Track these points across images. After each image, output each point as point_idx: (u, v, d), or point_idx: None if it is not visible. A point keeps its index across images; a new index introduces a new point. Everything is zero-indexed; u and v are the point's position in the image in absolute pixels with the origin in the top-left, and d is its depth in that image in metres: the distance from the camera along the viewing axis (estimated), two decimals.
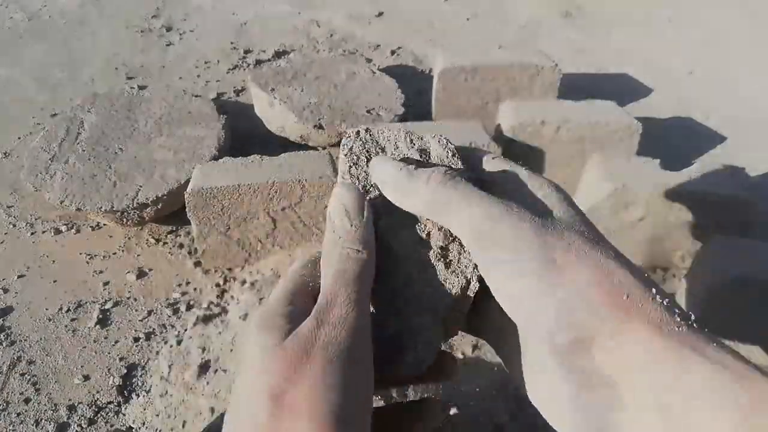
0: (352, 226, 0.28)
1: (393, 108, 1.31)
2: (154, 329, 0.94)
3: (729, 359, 0.20)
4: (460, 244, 0.28)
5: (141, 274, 1.05)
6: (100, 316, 0.96)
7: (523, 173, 0.29)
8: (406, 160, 0.30)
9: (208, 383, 0.84)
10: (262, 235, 1.02)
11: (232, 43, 1.90)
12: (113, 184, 1.06)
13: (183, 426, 0.80)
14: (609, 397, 0.21)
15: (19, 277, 1.04)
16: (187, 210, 0.96)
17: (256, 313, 0.28)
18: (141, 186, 1.06)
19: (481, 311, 0.29)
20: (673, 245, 1.02)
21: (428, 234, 0.29)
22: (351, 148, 0.32)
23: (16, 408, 0.82)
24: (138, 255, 1.09)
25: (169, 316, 0.97)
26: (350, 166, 0.31)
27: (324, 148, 1.31)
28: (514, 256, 0.23)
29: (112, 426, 0.81)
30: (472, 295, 0.28)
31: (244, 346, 0.27)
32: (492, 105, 1.34)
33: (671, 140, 1.46)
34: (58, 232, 1.14)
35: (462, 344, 0.88)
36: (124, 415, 0.82)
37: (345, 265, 0.27)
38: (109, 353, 0.90)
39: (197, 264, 1.06)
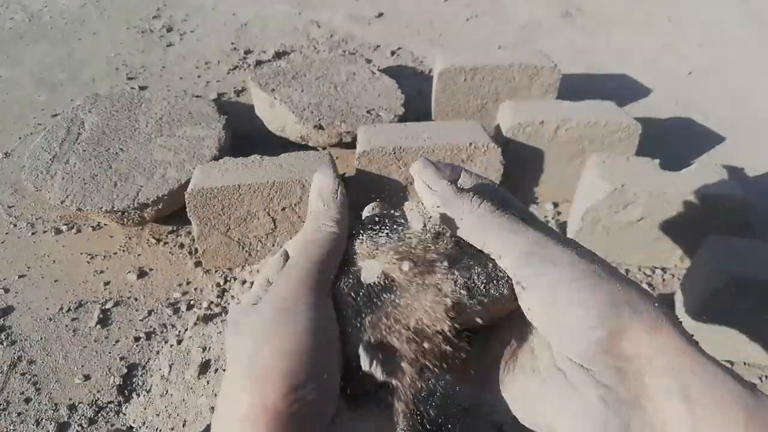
0: (325, 206, 0.32)
1: (393, 108, 1.31)
2: (154, 329, 0.95)
3: (731, 371, 0.24)
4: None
5: (141, 273, 1.05)
6: (101, 316, 0.97)
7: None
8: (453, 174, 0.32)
9: (208, 383, 0.84)
10: (262, 234, 1.02)
11: (232, 43, 1.90)
12: (114, 184, 1.07)
13: (183, 425, 0.80)
14: (636, 388, 0.24)
15: (19, 276, 1.04)
16: (187, 210, 0.96)
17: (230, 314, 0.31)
18: (141, 186, 1.06)
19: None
20: (672, 245, 1.02)
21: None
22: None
23: (17, 407, 0.82)
24: (138, 255, 1.09)
25: (170, 316, 0.97)
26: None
27: (324, 149, 1.31)
28: (564, 269, 0.27)
29: (112, 425, 0.81)
30: None
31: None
32: (491, 105, 1.34)
33: (670, 140, 1.46)
34: (58, 232, 1.14)
35: None
36: (124, 414, 0.82)
37: (314, 236, 0.31)
38: (109, 353, 0.91)
39: (198, 264, 1.06)
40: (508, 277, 0.30)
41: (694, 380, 0.23)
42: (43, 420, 0.81)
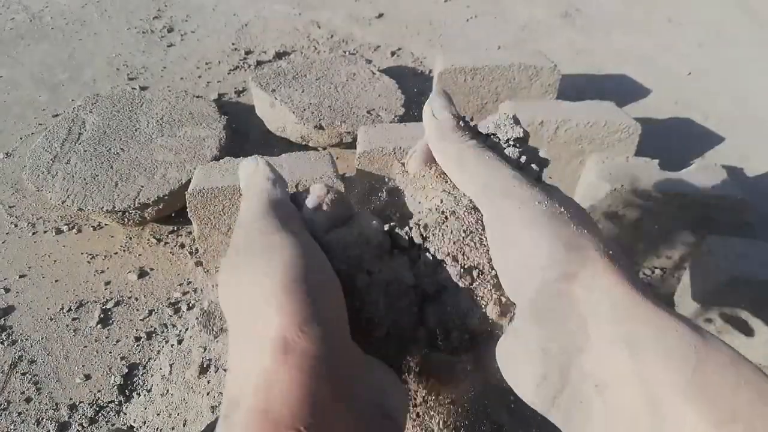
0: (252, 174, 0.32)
1: (393, 109, 1.31)
2: (155, 328, 0.95)
3: (684, 318, 0.23)
4: None
5: (142, 273, 1.05)
6: (102, 316, 0.97)
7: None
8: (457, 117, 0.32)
9: (209, 382, 0.84)
10: None
11: (233, 43, 1.91)
12: (114, 184, 1.07)
13: (184, 425, 0.80)
14: (579, 335, 0.23)
15: (20, 276, 1.04)
16: (188, 210, 0.96)
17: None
18: (142, 186, 1.07)
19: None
20: (672, 245, 1.02)
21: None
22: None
23: (18, 407, 0.83)
24: (139, 255, 1.10)
25: (171, 316, 0.97)
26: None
27: (324, 149, 1.32)
28: (525, 206, 0.26)
29: (113, 425, 0.81)
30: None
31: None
32: (491, 105, 1.34)
33: (670, 141, 1.47)
34: (59, 231, 1.14)
35: None
36: (125, 414, 0.83)
37: (254, 190, 0.30)
38: (110, 352, 0.91)
39: (198, 264, 1.07)
40: None
41: (641, 327, 0.22)
42: (44, 420, 0.81)
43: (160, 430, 0.80)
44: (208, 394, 0.82)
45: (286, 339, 0.22)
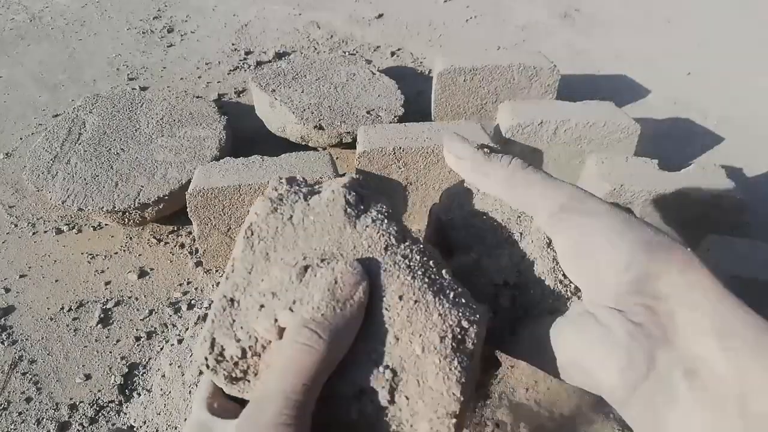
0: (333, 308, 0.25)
1: (393, 109, 1.32)
2: (155, 328, 0.95)
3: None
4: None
5: (142, 273, 1.06)
6: (102, 316, 0.97)
7: None
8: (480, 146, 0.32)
9: None
10: None
11: (233, 44, 1.91)
12: (115, 184, 1.07)
13: (184, 424, 0.80)
14: (666, 325, 0.24)
15: (20, 276, 1.05)
16: (188, 210, 0.96)
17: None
18: (142, 186, 1.07)
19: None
20: None
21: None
22: None
23: (18, 407, 0.83)
24: (139, 255, 1.10)
25: (171, 315, 0.97)
26: None
27: (324, 149, 1.32)
28: (602, 219, 0.27)
29: (113, 425, 0.81)
30: None
31: None
32: (491, 106, 1.34)
33: (669, 141, 1.47)
34: (59, 231, 1.15)
35: None
36: (125, 413, 0.83)
37: (291, 355, 0.23)
38: (110, 352, 0.91)
39: (198, 264, 1.07)
40: None
41: (727, 318, 0.23)
42: (44, 419, 0.81)
43: (160, 429, 0.80)
44: None
45: None
